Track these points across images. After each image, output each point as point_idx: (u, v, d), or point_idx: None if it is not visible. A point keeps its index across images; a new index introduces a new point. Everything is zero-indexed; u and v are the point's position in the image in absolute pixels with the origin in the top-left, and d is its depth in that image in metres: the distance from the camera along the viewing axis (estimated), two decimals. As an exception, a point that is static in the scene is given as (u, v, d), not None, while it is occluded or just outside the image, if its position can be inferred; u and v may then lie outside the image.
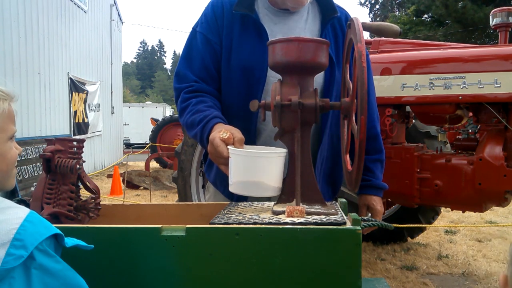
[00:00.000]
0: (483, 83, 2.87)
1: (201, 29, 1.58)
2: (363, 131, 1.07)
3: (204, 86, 1.53)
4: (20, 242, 0.78)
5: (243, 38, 1.52)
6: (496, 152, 2.84)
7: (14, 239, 0.78)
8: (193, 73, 1.54)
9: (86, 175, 1.36)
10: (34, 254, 0.79)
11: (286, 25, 1.55)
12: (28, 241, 0.79)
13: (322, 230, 0.99)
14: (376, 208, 1.61)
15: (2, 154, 0.93)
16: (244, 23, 1.53)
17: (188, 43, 1.61)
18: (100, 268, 0.99)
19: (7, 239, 0.77)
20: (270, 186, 1.18)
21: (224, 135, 1.26)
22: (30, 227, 0.81)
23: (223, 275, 1.00)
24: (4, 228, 0.79)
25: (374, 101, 1.72)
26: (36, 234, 0.81)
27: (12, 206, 0.86)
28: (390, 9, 27.83)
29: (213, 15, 1.56)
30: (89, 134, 10.64)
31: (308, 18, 1.58)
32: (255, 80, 1.49)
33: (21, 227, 0.79)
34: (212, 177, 1.65)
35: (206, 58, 1.55)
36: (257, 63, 1.49)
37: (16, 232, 0.78)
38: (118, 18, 13.95)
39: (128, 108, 19.81)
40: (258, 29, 1.51)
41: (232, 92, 1.54)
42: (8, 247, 0.77)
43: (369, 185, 1.61)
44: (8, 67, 6.97)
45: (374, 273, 3.64)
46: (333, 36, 1.57)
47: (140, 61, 75.61)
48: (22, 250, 0.78)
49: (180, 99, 1.54)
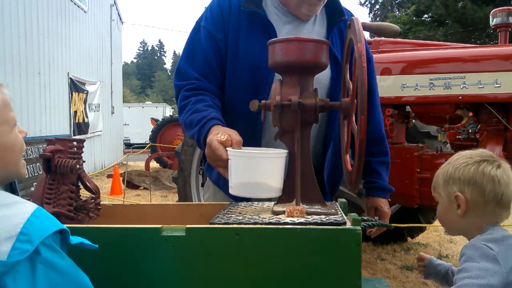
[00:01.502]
0: (483, 83, 2.87)
1: (206, 23, 1.52)
2: (363, 131, 1.07)
3: (205, 84, 1.49)
4: (26, 236, 0.79)
5: (251, 36, 1.48)
6: (496, 152, 2.84)
7: (21, 233, 0.79)
8: (194, 70, 1.50)
9: (86, 175, 1.36)
10: (39, 249, 0.80)
11: (295, 27, 1.53)
12: (34, 235, 0.80)
13: (322, 230, 0.99)
14: (384, 210, 1.61)
15: (11, 146, 0.93)
16: (252, 21, 1.49)
17: (191, 38, 1.55)
18: (100, 268, 0.99)
19: (14, 233, 0.78)
20: (271, 187, 1.17)
21: (222, 137, 1.25)
22: (36, 222, 0.82)
23: (223, 275, 1.00)
24: (12, 222, 0.80)
25: (379, 104, 1.72)
26: (42, 229, 0.81)
27: (20, 201, 0.87)
28: (390, 9, 27.83)
29: (219, 10, 1.51)
30: (89, 134, 10.64)
31: (316, 21, 1.57)
32: (263, 80, 1.46)
33: (27, 222, 0.80)
34: (214, 177, 1.62)
35: (210, 54, 1.50)
36: (265, 62, 1.47)
37: (22, 226, 0.79)
38: (118, 18, 13.95)
39: (128, 108, 19.81)
40: (266, 27, 1.48)
41: (238, 91, 1.50)
42: (14, 240, 0.78)
43: (376, 187, 1.62)
44: (8, 67, 6.97)
45: (374, 273, 3.64)
46: (339, 38, 1.57)
47: (140, 61, 75.62)
48: (28, 244, 0.78)
49: (180, 96, 1.50)
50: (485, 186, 1.25)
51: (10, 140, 0.93)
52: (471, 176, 1.26)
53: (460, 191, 1.27)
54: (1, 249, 0.77)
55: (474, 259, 1.16)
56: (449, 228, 1.38)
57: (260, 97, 1.44)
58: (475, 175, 1.26)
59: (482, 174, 1.26)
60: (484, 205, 1.26)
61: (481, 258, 1.15)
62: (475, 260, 1.16)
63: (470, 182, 1.26)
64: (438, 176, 1.34)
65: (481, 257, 1.15)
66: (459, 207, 1.27)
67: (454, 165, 1.30)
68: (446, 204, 1.31)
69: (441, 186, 1.31)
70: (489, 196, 1.25)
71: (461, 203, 1.26)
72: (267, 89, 1.46)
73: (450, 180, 1.29)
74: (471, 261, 1.16)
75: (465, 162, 1.28)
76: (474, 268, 1.13)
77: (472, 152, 1.32)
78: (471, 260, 1.16)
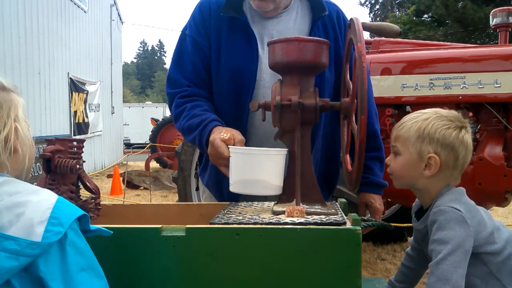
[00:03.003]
0: (483, 83, 2.87)
1: (190, 32, 1.55)
2: (363, 131, 1.07)
3: (197, 90, 1.51)
4: (56, 220, 0.84)
5: (232, 41, 1.49)
6: (496, 152, 2.84)
7: (51, 217, 0.83)
8: (184, 78, 1.52)
9: (86, 175, 1.36)
10: (67, 232, 0.85)
11: (275, 27, 1.52)
12: (63, 219, 0.85)
13: (322, 230, 0.99)
14: (375, 205, 1.59)
15: (30, 144, 0.99)
16: (232, 26, 1.49)
17: (178, 46, 1.58)
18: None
19: (45, 217, 0.83)
20: (271, 184, 1.18)
21: (224, 135, 1.26)
22: (63, 207, 0.87)
23: (223, 275, 1.00)
24: (41, 207, 0.84)
25: (372, 99, 1.71)
26: (68, 214, 0.87)
27: (42, 189, 0.92)
28: (390, 9, 27.83)
29: (200, 16, 1.53)
30: (89, 134, 10.64)
31: (297, 18, 1.55)
32: (245, 85, 1.47)
33: (55, 207, 0.85)
34: (205, 180, 1.64)
35: (197, 62, 1.52)
36: (246, 67, 1.46)
37: (52, 211, 0.84)
38: (118, 18, 13.95)
39: (128, 108, 19.80)
40: (246, 33, 1.48)
41: (221, 96, 1.52)
42: (46, 224, 0.82)
43: (367, 182, 1.60)
44: (8, 67, 6.97)
45: (374, 273, 3.64)
46: (323, 34, 1.53)
47: (140, 61, 75.59)
48: (59, 227, 0.83)
49: (174, 104, 1.52)
50: (460, 152, 1.27)
51: (30, 137, 1.00)
52: (451, 141, 1.27)
53: (435, 152, 1.27)
54: (36, 231, 0.81)
55: (446, 226, 1.20)
56: (401, 182, 1.37)
57: (243, 102, 1.46)
58: (455, 140, 1.27)
59: (461, 141, 1.27)
60: (453, 169, 1.29)
61: (453, 223, 1.20)
62: (446, 227, 1.20)
63: (448, 147, 1.27)
64: (409, 129, 1.31)
65: (452, 222, 1.20)
66: (427, 167, 1.28)
67: (435, 125, 1.29)
68: (413, 160, 1.30)
69: (412, 142, 1.30)
70: (460, 162, 1.28)
71: (434, 165, 1.27)
72: (249, 94, 1.46)
73: (426, 139, 1.28)
74: (443, 229, 1.20)
75: (446, 125, 1.28)
76: (448, 239, 1.18)
77: (448, 112, 1.33)
78: (443, 228, 1.20)
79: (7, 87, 0.96)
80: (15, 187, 0.88)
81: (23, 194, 0.87)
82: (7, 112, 0.93)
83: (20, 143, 0.95)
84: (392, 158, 1.37)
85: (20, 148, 0.95)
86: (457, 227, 1.19)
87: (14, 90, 0.98)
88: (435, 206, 1.27)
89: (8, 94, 0.95)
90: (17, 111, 0.96)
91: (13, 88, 0.97)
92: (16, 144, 0.94)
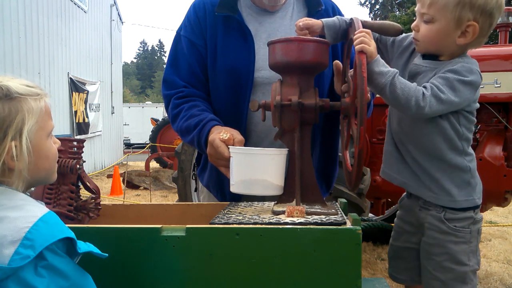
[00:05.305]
0: (483, 83, 2.85)
1: (185, 32, 1.54)
2: (362, 141, 1.07)
3: (194, 91, 1.50)
4: (29, 241, 0.78)
5: (228, 40, 1.48)
6: (496, 152, 2.84)
7: (25, 238, 0.78)
8: (181, 79, 1.51)
9: (86, 175, 1.36)
10: (44, 254, 0.79)
11: (271, 24, 1.51)
12: (38, 241, 0.79)
13: (322, 230, 0.99)
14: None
15: (46, 154, 0.94)
16: (228, 25, 1.48)
17: (174, 47, 1.57)
18: (100, 268, 0.99)
19: (18, 237, 0.78)
20: (272, 184, 1.18)
21: (224, 135, 1.26)
22: (43, 227, 0.81)
23: (223, 275, 1.00)
24: (18, 226, 0.79)
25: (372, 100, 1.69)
26: (47, 235, 0.80)
27: (31, 204, 0.87)
28: (390, 9, 27.83)
29: (195, 17, 1.52)
30: (89, 134, 10.64)
31: (293, 15, 1.54)
32: (242, 84, 1.46)
33: (34, 226, 0.80)
34: (205, 181, 1.63)
35: (193, 62, 1.51)
36: (243, 66, 1.45)
37: (27, 231, 0.79)
38: (118, 18, 13.95)
39: (128, 108, 19.80)
40: (242, 31, 1.47)
41: (218, 95, 1.51)
42: (17, 245, 0.77)
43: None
44: (8, 67, 6.97)
45: (374, 273, 3.64)
46: None
47: (140, 61, 75.57)
48: (30, 250, 0.77)
49: (171, 105, 1.51)
50: (496, 20, 1.23)
51: (46, 147, 0.94)
52: (491, 7, 1.20)
53: (475, 19, 1.20)
54: (4, 252, 0.76)
55: (462, 80, 1.21)
56: (428, 49, 1.30)
57: (241, 99, 1.45)
58: (494, 8, 1.21)
59: (499, 6, 1.21)
60: (483, 36, 1.25)
61: (468, 85, 1.21)
62: (462, 81, 1.21)
63: (487, 13, 1.21)
64: None
65: (468, 85, 1.21)
66: (463, 35, 1.22)
67: None
68: (449, 28, 1.23)
69: (451, 8, 1.21)
70: (490, 29, 1.24)
71: (472, 33, 1.21)
72: (247, 91, 1.46)
73: (467, 5, 1.20)
74: (458, 80, 1.21)
75: None
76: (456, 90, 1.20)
77: None
78: (459, 81, 1.21)
79: (17, 93, 0.88)
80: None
81: (2, 208, 0.81)
82: (4, 130, 0.86)
83: (19, 160, 0.87)
84: (422, 25, 1.28)
85: (16, 164, 0.87)
86: (467, 88, 1.21)
87: (31, 94, 0.91)
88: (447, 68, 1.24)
89: (15, 104, 0.88)
90: (22, 125, 0.88)
91: (25, 92, 0.90)
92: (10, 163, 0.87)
